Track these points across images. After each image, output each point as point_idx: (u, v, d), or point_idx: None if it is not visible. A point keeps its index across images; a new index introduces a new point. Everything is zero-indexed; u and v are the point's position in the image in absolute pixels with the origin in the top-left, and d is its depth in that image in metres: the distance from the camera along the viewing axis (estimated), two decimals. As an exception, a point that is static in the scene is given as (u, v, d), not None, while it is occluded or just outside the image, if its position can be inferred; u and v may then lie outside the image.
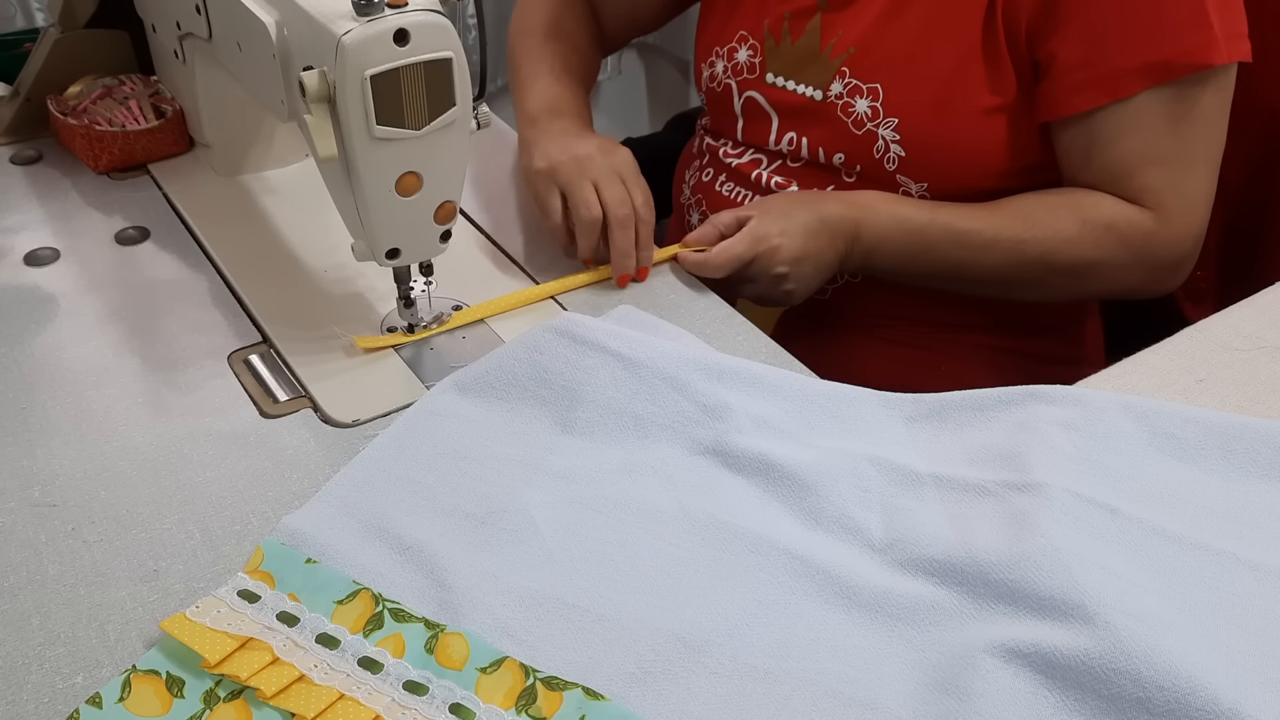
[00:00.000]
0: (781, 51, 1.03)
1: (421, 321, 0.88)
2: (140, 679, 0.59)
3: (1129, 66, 0.89)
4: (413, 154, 0.76)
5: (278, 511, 0.71)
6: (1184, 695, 0.55)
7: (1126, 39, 0.89)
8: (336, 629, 0.62)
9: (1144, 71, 0.89)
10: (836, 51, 0.99)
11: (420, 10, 0.72)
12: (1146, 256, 0.95)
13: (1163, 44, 0.88)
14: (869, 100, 0.97)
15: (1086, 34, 0.89)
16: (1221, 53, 0.88)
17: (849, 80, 0.98)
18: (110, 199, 1.07)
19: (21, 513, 0.71)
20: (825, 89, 1.00)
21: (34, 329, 0.89)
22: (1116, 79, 0.90)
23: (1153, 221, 0.93)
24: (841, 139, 1.00)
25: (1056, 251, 0.94)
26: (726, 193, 1.10)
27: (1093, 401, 0.74)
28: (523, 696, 0.58)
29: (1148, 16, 0.88)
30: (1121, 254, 0.94)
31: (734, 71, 1.08)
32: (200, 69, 1.03)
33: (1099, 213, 0.93)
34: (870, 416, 0.76)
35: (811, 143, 1.02)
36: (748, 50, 1.06)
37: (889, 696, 0.59)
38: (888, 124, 0.97)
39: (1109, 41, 0.89)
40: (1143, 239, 0.93)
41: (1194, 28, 0.87)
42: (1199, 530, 0.66)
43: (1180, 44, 0.88)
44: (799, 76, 1.02)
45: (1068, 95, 0.92)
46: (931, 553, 0.65)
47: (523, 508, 0.69)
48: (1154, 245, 0.94)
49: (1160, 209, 0.93)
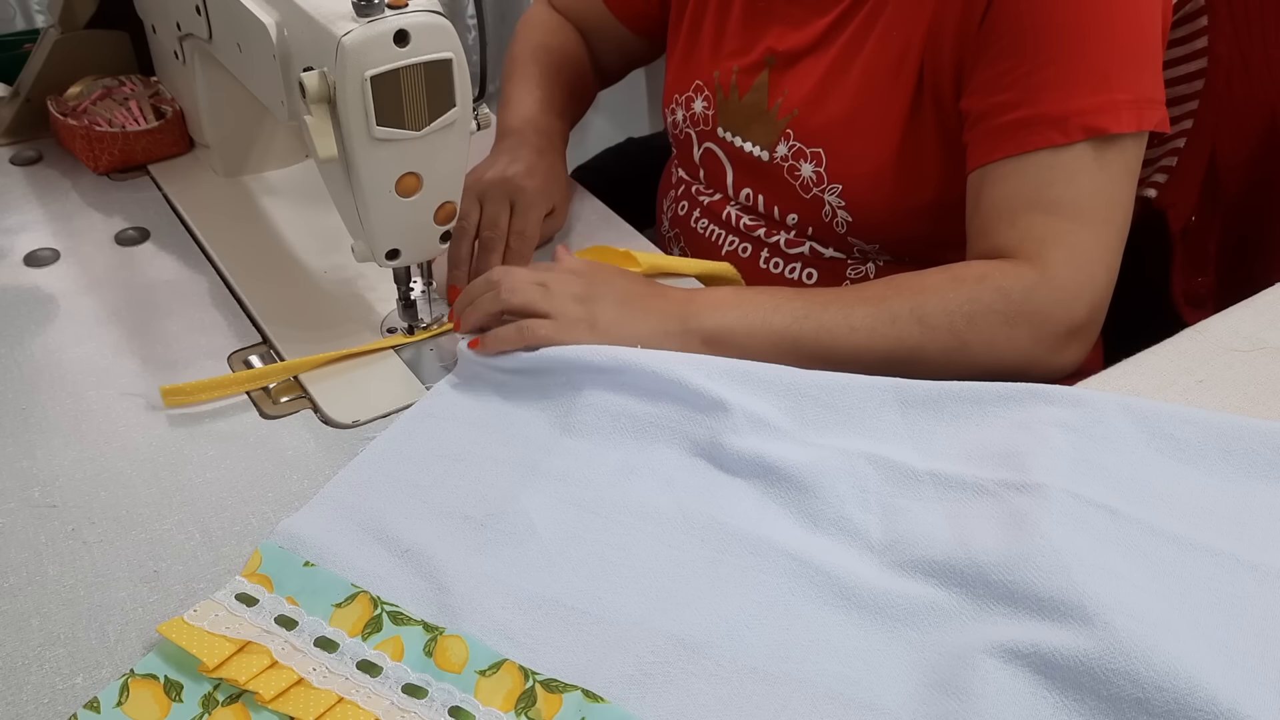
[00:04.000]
0: (730, 106, 1.01)
1: (421, 322, 0.88)
2: (138, 683, 0.59)
3: (1022, 119, 0.84)
4: (413, 155, 0.76)
5: (277, 512, 0.71)
6: (1183, 695, 0.54)
7: (1022, 94, 0.84)
8: (335, 632, 0.62)
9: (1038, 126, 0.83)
10: (783, 111, 0.97)
11: (420, 11, 0.72)
12: (1030, 312, 0.81)
13: (1060, 102, 0.83)
14: (813, 165, 0.95)
15: (987, 86, 0.85)
16: (1123, 120, 0.82)
17: (793, 143, 0.96)
18: (110, 199, 1.07)
19: (21, 513, 0.72)
20: (772, 150, 0.98)
21: (34, 329, 0.89)
22: (1008, 132, 0.84)
23: (1034, 272, 0.82)
24: (790, 200, 0.98)
25: (924, 303, 0.81)
26: (702, 230, 1.08)
27: (1092, 402, 0.74)
28: (522, 699, 0.58)
29: (1046, 73, 0.83)
30: (1001, 306, 0.81)
31: (691, 121, 1.06)
32: (200, 69, 1.03)
33: (970, 269, 0.84)
34: (864, 404, 0.75)
35: (766, 201, 1.01)
36: (702, 101, 1.04)
37: (888, 697, 0.59)
38: (833, 189, 0.94)
39: (1007, 95, 0.84)
40: (1023, 291, 0.81)
41: (1093, 90, 0.82)
42: (1198, 531, 0.66)
43: (1077, 104, 0.82)
44: (746, 134, 1.00)
45: (971, 148, 0.88)
46: (930, 553, 0.65)
47: (521, 510, 0.69)
48: (1037, 300, 0.81)
49: (1041, 259, 0.82)
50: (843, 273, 1.01)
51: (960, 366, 0.82)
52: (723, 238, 1.06)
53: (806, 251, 1.01)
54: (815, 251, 1.01)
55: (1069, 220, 0.83)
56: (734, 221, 1.05)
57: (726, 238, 1.06)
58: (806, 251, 1.01)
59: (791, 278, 1.02)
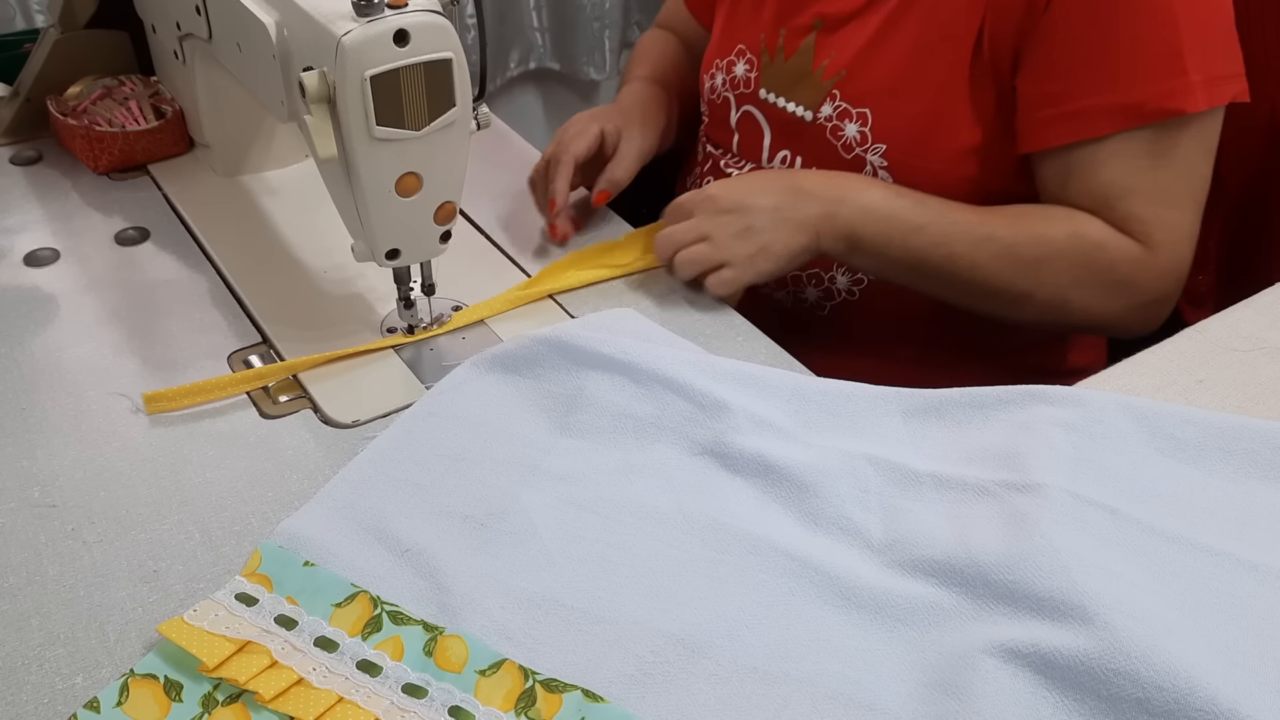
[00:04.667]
0: (775, 68, 1.03)
1: (421, 322, 0.88)
2: (138, 683, 0.59)
3: (1100, 105, 0.87)
4: (413, 154, 0.76)
5: (277, 512, 0.71)
6: (1183, 695, 0.54)
7: (1095, 78, 0.87)
8: (335, 632, 0.62)
9: (1114, 112, 0.87)
10: (829, 73, 0.98)
11: (420, 10, 0.72)
12: (1131, 286, 0.91)
13: (1133, 87, 0.86)
14: (858, 125, 0.97)
15: (1060, 68, 0.88)
16: (1198, 99, 0.86)
17: (839, 104, 0.98)
18: (110, 199, 1.07)
19: (21, 513, 0.72)
20: (816, 110, 0.99)
21: (34, 329, 0.89)
22: (1086, 118, 0.88)
23: (1140, 250, 0.90)
24: (830, 161, 1.00)
25: (1046, 260, 0.90)
26: None
27: (1092, 402, 0.74)
28: (522, 699, 0.58)
29: (1122, 56, 0.86)
30: (1107, 277, 0.91)
31: (731, 85, 1.08)
32: (200, 69, 1.03)
33: (1090, 230, 0.91)
34: (867, 412, 0.76)
35: (805, 163, 1.02)
36: (745, 64, 1.06)
37: (889, 697, 0.59)
38: (875, 150, 0.96)
39: (1078, 78, 0.88)
40: (1130, 265, 0.90)
41: (1169, 72, 0.85)
42: (1199, 531, 0.66)
43: (1153, 88, 0.86)
44: (790, 94, 1.02)
45: (1039, 129, 0.91)
46: (931, 553, 0.65)
47: (522, 510, 0.69)
48: (1140, 275, 0.90)
49: (1147, 240, 0.90)
50: None
51: (1055, 318, 0.95)
52: None
53: None
54: None
55: (1160, 203, 0.89)
56: None
57: None
58: None
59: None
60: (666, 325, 0.86)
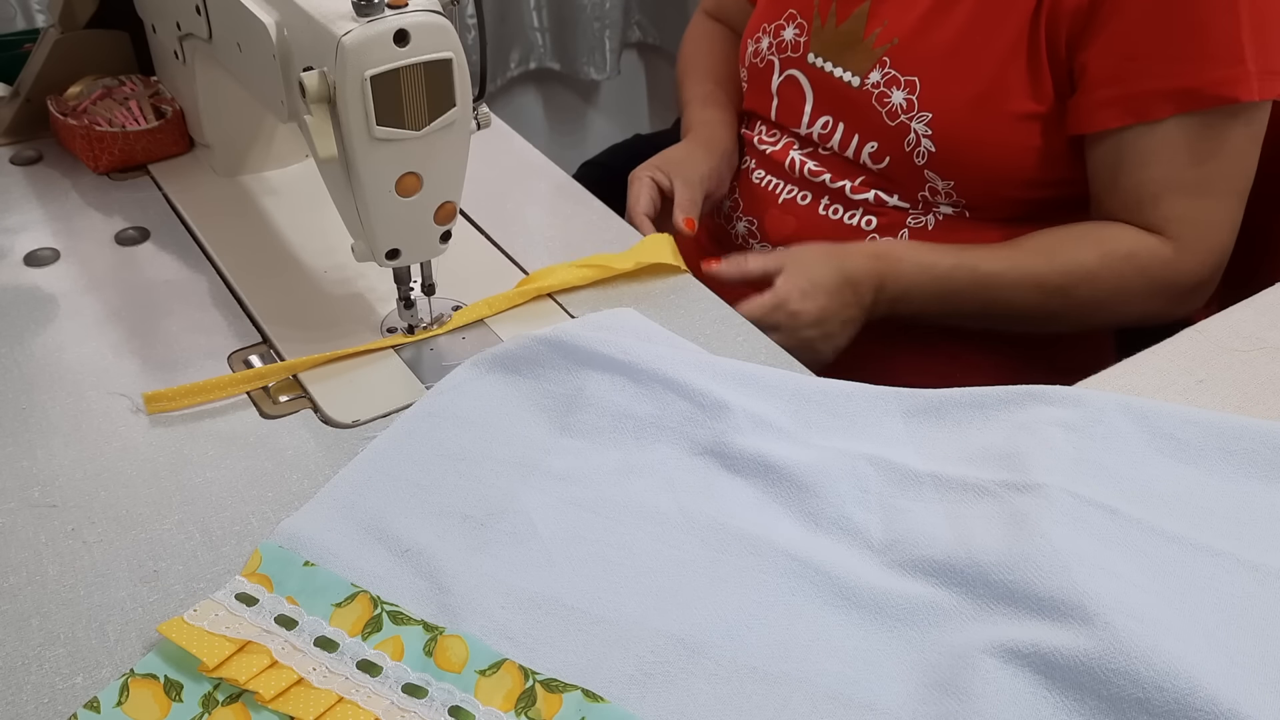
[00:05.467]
0: (825, 33, 1.04)
1: (421, 322, 0.88)
2: (138, 683, 0.59)
3: (1158, 89, 0.89)
4: (413, 154, 0.76)
5: (278, 512, 0.71)
6: (1183, 695, 0.54)
7: (1158, 61, 0.89)
8: (335, 632, 0.62)
9: (1172, 96, 0.89)
10: (880, 41, 0.99)
11: (420, 10, 0.72)
12: (1165, 286, 0.95)
13: (1193, 72, 0.88)
14: (905, 92, 0.98)
15: (1120, 49, 0.89)
16: (1253, 89, 0.88)
17: (888, 70, 0.99)
18: (110, 199, 1.07)
19: (21, 513, 0.72)
20: (864, 76, 1.01)
21: (34, 329, 0.89)
22: (1145, 100, 0.89)
23: (1171, 250, 0.94)
24: (873, 128, 1.01)
25: (1077, 286, 0.95)
26: (757, 180, 1.12)
27: (1092, 402, 0.74)
28: (522, 699, 0.58)
29: (1182, 42, 0.88)
30: (1140, 283, 0.95)
31: (778, 49, 1.09)
32: (200, 69, 1.03)
33: (1118, 244, 0.94)
34: (867, 412, 0.76)
35: (846, 131, 1.03)
36: (794, 29, 1.07)
37: (889, 697, 0.59)
38: (921, 118, 0.97)
39: (1140, 61, 0.89)
40: (1161, 267, 0.94)
41: (1227, 60, 0.87)
42: (1199, 531, 0.66)
43: (1211, 74, 0.87)
44: (839, 60, 1.03)
45: (1096, 110, 0.92)
46: (931, 553, 0.65)
47: (522, 510, 0.69)
48: (1172, 274, 0.94)
49: (1180, 239, 0.93)
50: (903, 223, 1.04)
51: (1091, 326, 1.02)
52: (780, 186, 1.10)
53: (871, 199, 1.04)
54: (879, 200, 1.03)
55: (1202, 196, 0.92)
56: (796, 168, 1.08)
57: (785, 186, 1.10)
58: (871, 199, 1.04)
59: (850, 224, 1.05)
60: (666, 325, 0.86)
